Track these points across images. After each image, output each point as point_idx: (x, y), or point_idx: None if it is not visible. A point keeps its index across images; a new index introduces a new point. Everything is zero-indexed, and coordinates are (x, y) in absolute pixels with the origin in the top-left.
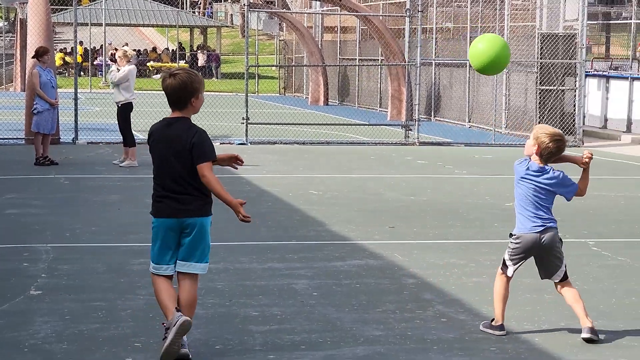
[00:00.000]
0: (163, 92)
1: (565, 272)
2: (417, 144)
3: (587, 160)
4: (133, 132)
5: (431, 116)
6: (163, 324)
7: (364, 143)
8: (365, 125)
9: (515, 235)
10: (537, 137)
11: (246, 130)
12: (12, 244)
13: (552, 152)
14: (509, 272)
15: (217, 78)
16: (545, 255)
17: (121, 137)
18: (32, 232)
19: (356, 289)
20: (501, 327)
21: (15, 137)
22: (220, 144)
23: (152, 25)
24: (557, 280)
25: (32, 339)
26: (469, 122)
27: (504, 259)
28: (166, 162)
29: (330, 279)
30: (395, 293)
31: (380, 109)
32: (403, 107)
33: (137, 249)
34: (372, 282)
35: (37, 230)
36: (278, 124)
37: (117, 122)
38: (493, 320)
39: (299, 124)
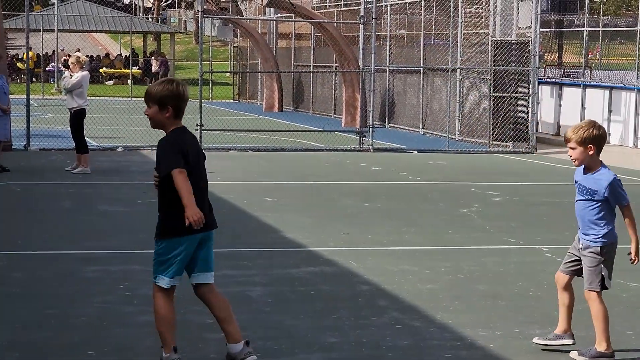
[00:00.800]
0: (181, 99)
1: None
2: (372, 150)
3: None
4: (86, 138)
5: (385, 123)
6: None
7: (319, 149)
8: (320, 131)
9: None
10: (583, 139)
11: (200, 137)
12: None
13: (603, 137)
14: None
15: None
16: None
17: (74, 144)
18: None
19: (311, 296)
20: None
21: None
22: None
23: (105, 32)
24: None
25: None
26: (423, 128)
27: (603, 277)
28: (202, 175)
29: (285, 286)
30: (350, 300)
31: (334, 116)
32: (357, 114)
33: (90, 256)
34: (327, 289)
35: None
36: (233, 130)
37: (69, 128)
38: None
39: (254, 131)
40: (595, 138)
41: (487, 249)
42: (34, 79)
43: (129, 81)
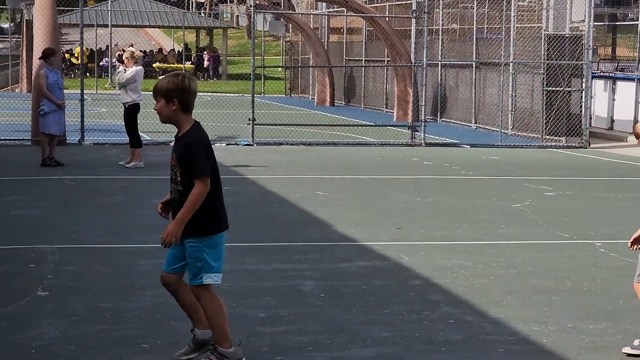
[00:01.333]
0: (187, 92)
1: None
2: (424, 145)
3: None
4: (139, 133)
5: (437, 117)
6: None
7: (371, 144)
8: (372, 126)
9: None
10: None
11: (252, 131)
12: (18, 245)
13: None
14: None
15: (212, 79)
16: None
17: (127, 138)
18: (38, 233)
19: (363, 290)
20: None
21: (21, 138)
22: (227, 145)
23: (158, 27)
24: None
25: (38, 340)
26: (475, 123)
27: None
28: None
29: (337, 280)
30: (402, 294)
31: (386, 110)
32: (409, 108)
33: (142, 250)
34: (379, 284)
35: (43, 231)
36: (284, 124)
37: (123, 123)
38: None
39: (306, 125)
40: None
41: (540, 244)
42: (87, 74)
43: None
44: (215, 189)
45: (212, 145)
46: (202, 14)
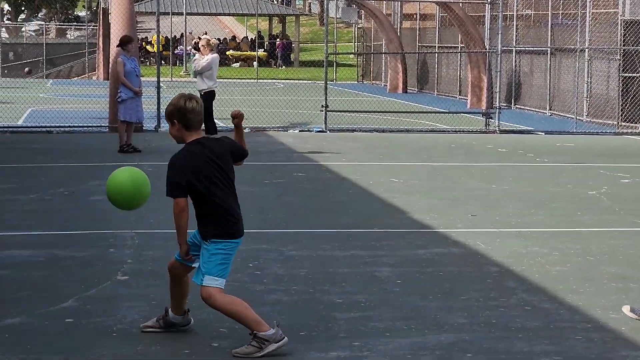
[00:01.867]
0: (185, 111)
1: None
2: (498, 132)
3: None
4: (214, 120)
5: (511, 104)
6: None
7: (444, 131)
8: (445, 113)
9: None
10: None
11: (325, 118)
12: (98, 230)
13: None
14: None
15: (278, 67)
16: None
17: (203, 125)
18: (117, 218)
19: (439, 276)
20: None
21: (99, 125)
22: (300, 131)
23: (232, 14)
24: None
25: (119, 324)
26: (550, 110)
27: None
28: (225, 181)
29: (414, 266)
30: (478, 281)
31: (459, 97)
32: (483, 95)
33: None
34: (455, 270)
35: (121, 216)
36: (357, 111)
37: None
38: None
39: (378, 112)
40: None
41: (617, 231)
42: (162, 62)
43: (255, 63)
44: (202, 201)
45: (286, 131)
46: (275, 2)
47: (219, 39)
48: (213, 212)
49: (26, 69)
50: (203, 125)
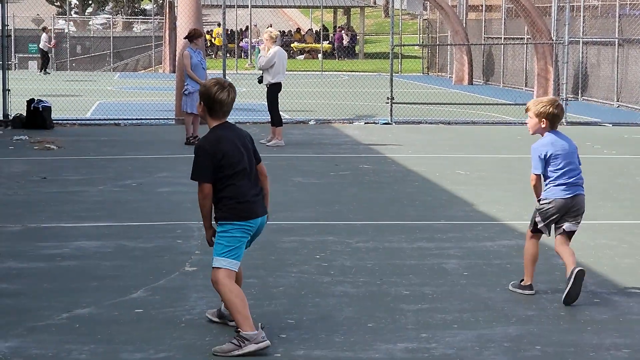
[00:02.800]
0: (212, 100)
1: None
2: (565, 123)
3: None
4: (280, 112)
5: (578, 95)
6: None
7: (510, 123)
8: (512, 105)
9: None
10: (538, 112)
11: (391, 110)
12: (166, 222)
13: (557, 115)
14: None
15: (337, 58)
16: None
17: (269, 117)
18: (184, 209)
19: (507, 269)
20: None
21: (165, 117)
22: (365, 123)
23: (296, 7)
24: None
25: (188, 315)
26: (618, 101)
27: (535, 222)
28: (249, 169)
29: (481, 259)
30: (546, 273)
31: (526, 89)
32: (550, 87)
33: (287, 227)
34: (522, 263)
35: (188, 208)
36: (423, 103)
37: (265, 102)
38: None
39: (444, 104)
40: (549, 114)
41: None
42: (228, 54)
43: (320, 55)
44: (223, 186)
45: (352, 124)
46: None
47: (282, 32)
48: (228, 196)
49: (52, 42)
50: (270, 117)
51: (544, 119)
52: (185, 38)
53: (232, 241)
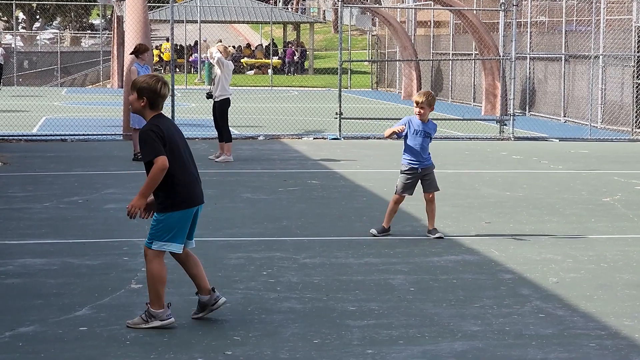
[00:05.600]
0: (156, 94)
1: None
2: (512, 139)
3: None
4: (229, 127)
5: (526, 111)
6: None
7: (458, 138)
8: (460, 120)
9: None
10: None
11: (339, 125)
12: (112, 239)
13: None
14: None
15: (291, 74)
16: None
17: (216, 133)
18: (131, 226)
19: (453, 284)
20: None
21: (113, 132)
22: (314, 138)
23: (246, 22)
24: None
25: (133, 332)
26: (565, 116)
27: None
28: (187, 151)
29: (427, 274)
30: (492, 288)
31: (474, 104)
32: (497, 102)
33: (234, 243)
34: (469, 278)
35: (135, 224)
36: (371, 118)
37: (212, 117)
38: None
39: (393, 119)
40: (435, 100)
41: (632, 238)
42: (177, 70)
43: (270, 71)
44: (172, 170)
45: (300, 139)
46: (290, 9)
47: (233, 46)
48: (171, 183)
49: None
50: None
51: (432, 106)
52: (131, 54)
53: (172, 226)
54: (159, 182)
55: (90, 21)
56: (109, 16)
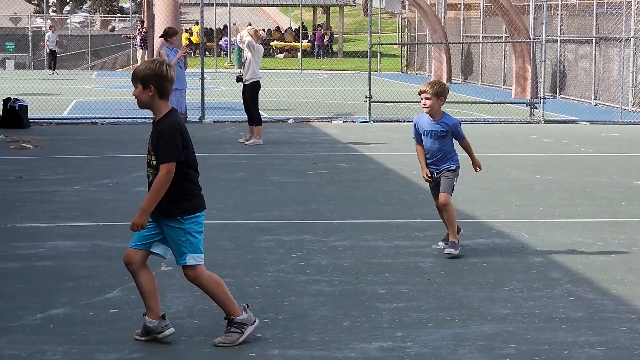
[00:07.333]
0: (164, 78)
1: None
2: (542, 122)
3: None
4: (260, 111)
5: (556, 94)
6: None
7: (488, 121)
8: (490, 103)
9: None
10: (436, 92)
11: (369, 108)
12: None
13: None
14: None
15: (321, 57)
16: None
17: (247, 116)
18: None
19: (483, 267)
20: None
21: (143, 116)
22: (344, 122)
23: (276, 5)
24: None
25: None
26: (595, 99)
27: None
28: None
29: (457, 257)
30: (522, 271)
31: (504, 87)
32: (528, 85)
33: (264, 226)
34: (499, 261)
35: None
36: (401, 102)
37: (242, 101)
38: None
39: None
40: (447, 91)
41: None
42: (206, 53)
43: (299, 54)
44: (186, 175)
45: (330, 122)
46: None
47: (263, 30)
48: (189, 186)
49: (109, 27)
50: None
51: (442, 98)
52: (160, 37)
53: (199, 234)
54: (164, 193)
55: (120, 4)
56: (139, 0)
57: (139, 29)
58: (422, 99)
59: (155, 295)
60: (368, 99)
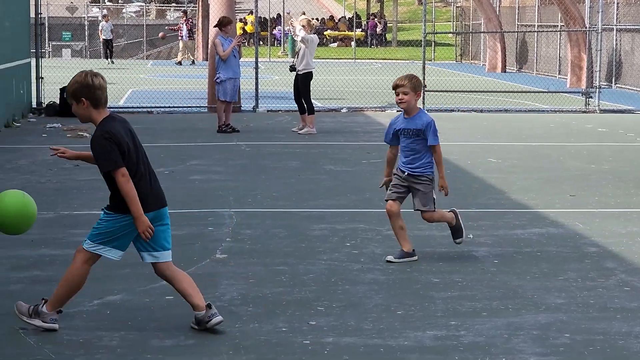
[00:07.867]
0: (92, 88)
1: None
2: (598, 111)
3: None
4: (312, 100)
5: (612, 83)
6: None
7: (543, 111)
8: (545, 92)
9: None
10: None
11: (423, 98)
12: (198, 209)
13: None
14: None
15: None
16: None
17: (297, 106)
18: (216, 197)
19: (537, 257)
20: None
21: (198, 105)
22: (397, 111)
23: None
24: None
25: (218, 302)
26: None
27: (434, 200)
28: (143, 153)
29: (511, 246)
30: (577, 261)
31: (559, 76)
32: (583, 74)
33: (317, 215)
34: (553, 250)
35: (220, 195)
36: (456, 91)
37: (293, 90)
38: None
39: (477, 92)
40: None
41: None
42: (260, 42)
43: (353, 43)
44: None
45: (384, 111)
46: None
47: (316, 19)
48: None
49: (160, 34)
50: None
51: (419, 92)
52: (215, 26)
53: (115, 232)
54: (134, 191)
55: None
56: None
57: (184, 19)
58: (398, 93)
59: (193, 290)
60: (422, 88)
